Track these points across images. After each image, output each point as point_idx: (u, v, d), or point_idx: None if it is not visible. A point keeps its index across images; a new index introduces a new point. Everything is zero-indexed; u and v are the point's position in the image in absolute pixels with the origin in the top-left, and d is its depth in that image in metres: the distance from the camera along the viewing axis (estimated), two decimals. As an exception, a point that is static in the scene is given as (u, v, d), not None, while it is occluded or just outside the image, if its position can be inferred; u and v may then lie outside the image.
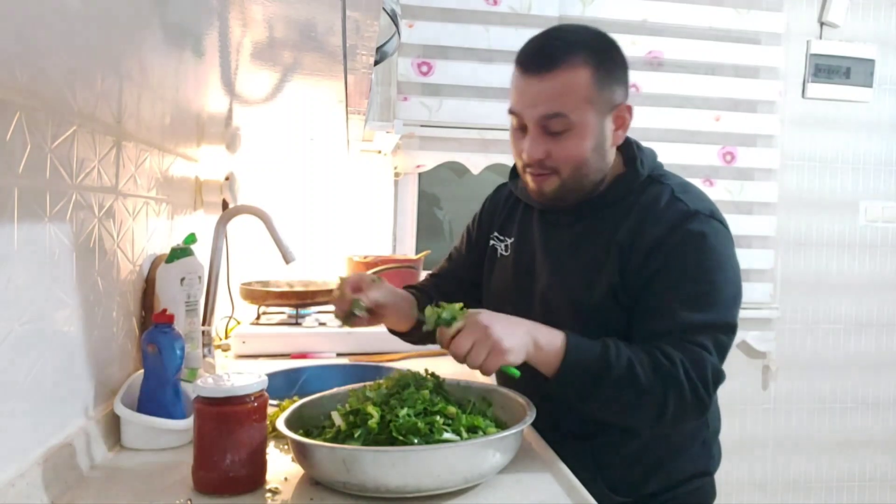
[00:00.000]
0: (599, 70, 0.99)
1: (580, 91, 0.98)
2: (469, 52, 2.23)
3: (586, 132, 1.00)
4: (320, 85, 1.06)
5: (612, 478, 1.06)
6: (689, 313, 0.95)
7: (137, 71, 1.01)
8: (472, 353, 0.86)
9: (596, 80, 0.98)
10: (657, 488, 1.09)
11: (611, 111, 1.02)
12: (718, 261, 0.99)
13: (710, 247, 0.99)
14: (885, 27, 2.53)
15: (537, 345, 0.90)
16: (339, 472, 0.77)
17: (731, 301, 0.99)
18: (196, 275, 1.15)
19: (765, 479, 2.54)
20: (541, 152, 1.01)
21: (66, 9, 0.66)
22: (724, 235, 1.03)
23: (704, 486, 1.14)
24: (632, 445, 1.06)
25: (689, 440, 1.11)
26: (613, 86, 1.01)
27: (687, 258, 0.98)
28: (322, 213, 2.22)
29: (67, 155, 0.82)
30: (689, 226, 0.99)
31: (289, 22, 0.64)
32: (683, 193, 1.05)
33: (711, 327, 0.95)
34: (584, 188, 1.05)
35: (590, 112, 0.99)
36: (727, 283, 0.99)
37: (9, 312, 0.69)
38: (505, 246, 1.19)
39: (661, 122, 2.35)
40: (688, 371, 0.91)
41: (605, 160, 1.05)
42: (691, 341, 0.94)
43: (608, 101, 1.01)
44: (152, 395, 0.95)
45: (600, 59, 1.00)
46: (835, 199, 2.55)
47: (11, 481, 0.68)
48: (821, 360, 2.56)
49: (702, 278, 0.97)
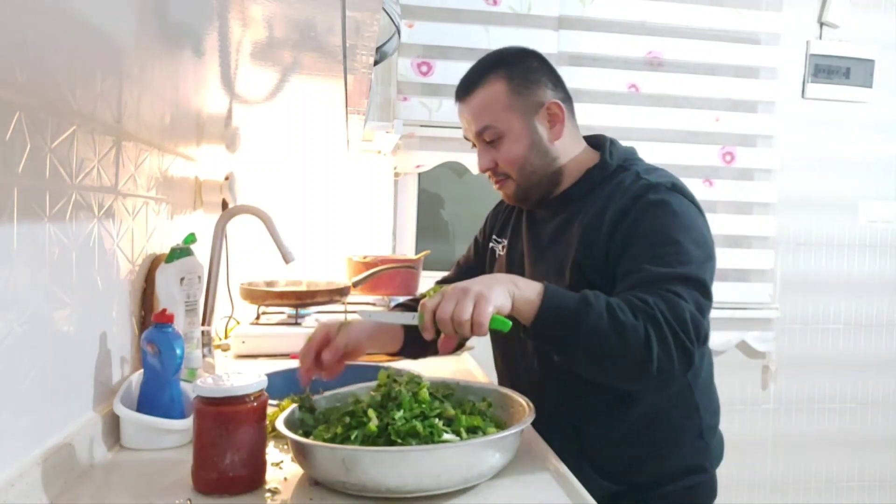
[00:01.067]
0: (513, 80, 1.09)
1: (498, 102, 1.09)
2: (469, 52, 2.23)
3: (517, 136, 1.10)
4: (320, 85, 1.06)
5: (598, 464, 1.07)
6: (660, 268, 0.95)
7: (137, 71, 1.01)
8: (457, 309, 0.83)
9: (511, 88, 1.09)
10: (648, 480, 1.09)
11: (537, 111, 1.10)
12: (683, 224, 1.00)
13: (673, 212, 1.01)
14: (885, 27, 2.53)
15: (518, 288, 0.89)
16: (338, 472, 0.76)
17: (703, 261, 0.99)
18: (196, 275, 1.15)
19: (765, 479, 2.54)
20: (487, 162, 1.13)
21: (67, 9, 0.66)
22: (688, 206, 1.04)
23: (702, 485, 1.14)
24: (618, 429, 1.07)
25: (681, 431, 1.11)
26: (532, 88, 1.10)
27: (651, 224, 1.00)
28: (322, 213, 2.22)
29: (67, 155, 0.82)
30: (651, 196, 1.02)
31: (289, 22, 0.64)
32: (647, 173, 1.08)
33: (682, 280, 0.94)
34: (541, 185, 1.13)
35: (514, 117, 1.09)
36: (694, 245, 0.99)
37: (9, 312, 0.69)
38: (501, 247, 1.26)
39: (661, 122, 2.35)
40: (664, 312, 0.89)
41: (548, 156, 1.12)
42: (663, 289, 0.92)
43: (531, 103, 1.10)
44: (152, 395, 0.95)
45: (512, 70, 1.10)
46: (834, 199, 2.55)
47: (11, 481, 0.68)
48: (821, 360, 2.57)
49: (668, 240, 0.98)
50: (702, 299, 0.95)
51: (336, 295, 1.70)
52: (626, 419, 1.07)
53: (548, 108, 1.10)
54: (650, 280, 0.94)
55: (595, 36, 2.33)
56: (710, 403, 1.16)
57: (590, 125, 2.33)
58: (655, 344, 0.87)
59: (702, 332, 0.93)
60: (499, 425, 0.89)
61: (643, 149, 2.50)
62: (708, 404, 1.15)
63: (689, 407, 1.12)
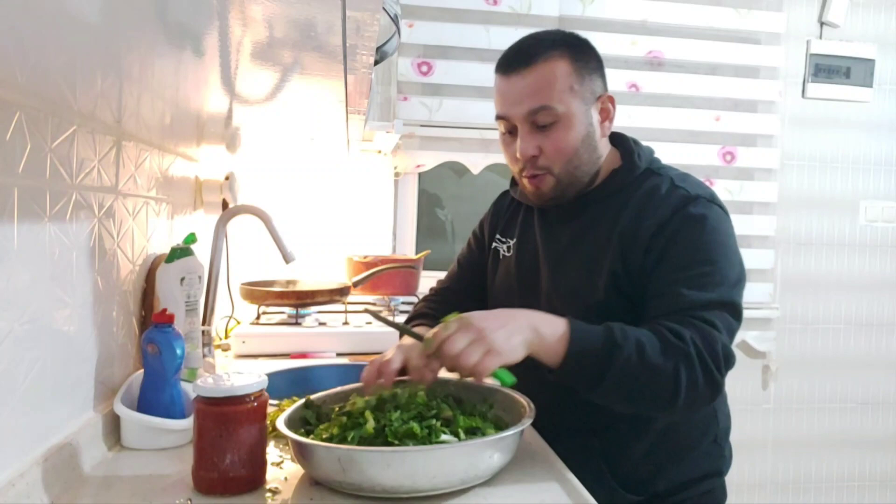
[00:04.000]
0: (578, 61, 1.02)
1: (562, 81, 1.00)
2: (469, 52, 2.24)
3: (574, 122, 1.01)
4: (320, 85, 1.05)
5: (621, 475, 1.04)
6: (695, 292, 0.93)
7: (137, 71, 1.01)
8: (464, 352, 0.81)
9: (575, 69, 1.01)
10: (668, 487, 1.07)
11: (594, 101, 1.05)
12: (721, 241, 0.99)
13: (712, 228, 0.99)
14: (885, 27, 2.53)
15: (540, 335, 0.86)
16: (335, 472, 0.76)
17: (735, 282, 0.98)
18: (196, 275, 1.15)
19: (765, 479, 2.54)
20: (533, 148, 1.02)
21: (67, 9, 0.66)
22: (725, 220, 1.03)
23: (716, 489, 1.13)
24: (642, 441, 1.05)
25: (699, 437, 1.10)
26: (593, 75, 1.04)
27: (689, 240, 0.98)
28: (322, 212, 2.22)
29: (67, 155, 0.82)
30: (691, 209, 1.00)
31: (289, 21, 0.64)
32: (682, 182, 1.05)
33: (718, 305, 0.93)
34: (579, 182, 1.06)
35: (574, 101, 1.01)
36: (730, 265, 0.98)
37: (9, 312, 0.69)
38: (507, 247, 1.20)
39: (661, 122, 2.35)
40: (698, 346, 0.88)
41: (595, 152, 1.06)
42: (699, 318, 0.91)
43: (591, 90, 1.03)
44: (152, 395, 0.95)
45: (576, 52, 1.02)
46: (835, 199, 2.55)
47: (11, 481, 0.68)
48: (821, 360, 2.57)
49: (705, 259, 0.97)
50: (734, 323, 0.95)
51: (336, 295, 1.70)
52: (649, 429, 1.05)
53: (603, 100, 1.05)
54: (685, 307, 0.92)
55: (595, 36, 2.31)
56: (725, 407, 1.16)
57: (590, 125, 2.34)
58: (685, 383, 0.87)
59: (731, 360, 0.92)
60: (500, 426, 0.88)
61: (643, 149, 2.49)
62: (723, 408, 1.15)
63: (707, 413, 1.11)
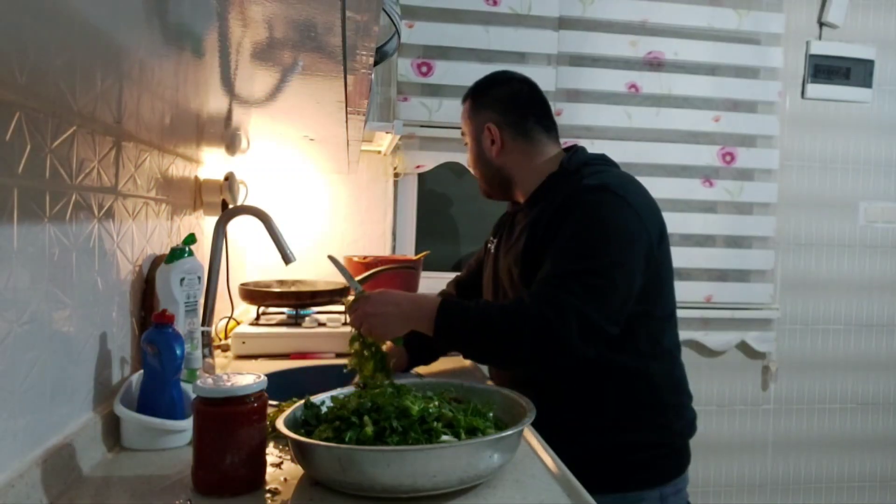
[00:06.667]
0: (474, 103, 1.37)
1: (464, 117, 1.39)
2: (469, 52, 2.24)
3: (472, 146, 1.38)
4: (320, 85, 1.05)
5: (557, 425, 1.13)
6: (559, 263, 1.11)
7: (137, 72, 1.01)
8: (362, 329, 1.13)
9: (470, 109, 1.38)
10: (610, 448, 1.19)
11: (482, 131, 1.35)
12: (600, 220, 1.14)
13: (595, 210, 1.15)
14: (885, 27, 2.53)
15: (409, 320, 1.13)
16: (335, 471, 0.77)
17: (611, 259, 1.11)
18: (196, 275, 1.15)
19: (764, 479, 2.55)
20: (467, 161, 1.43)
21: (67, 9, 0.66)
22: (616, 206, 1.16)
23: (668, 456, 1.22)
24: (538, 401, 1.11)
25: (640, 406, 1.20)
26: (481, 111, 1.36)
27: (572, 221, 1.15)
28: (322, 213, 2.21)
29: (67, 155, 0.82)
30: (583, 196, 1.18)
31: (289, 22, 0.64)
32: (590, 176, 1.21)
33: (579, 273, 1.09)
34: (493, 186, 1.38)
35: (469, 132, 1.38)
36: (606, 241, 1.12)
37: (8, 312, 0.69)
38: (492, 246, 1.43)
39: (660, 122, 2.35)
40: (534, 304, 1.07)
41: (493, 166, 1.35)
42: (550, 284, 1.09)
43: (479, 123, 1.36)
44: (152, 396, 0.95)
45: (474, 96, 1.38)
46: (834, 199, 2.55)
47: (11, 482, 0.68)
48: (821, 360, 2.57)
49: (579, 237, 1.13)
50: (601, 283, 1.08)
51: (336, 295, 1.70)
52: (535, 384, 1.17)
53: (487, 129, 1.34)
54: (543, 277, 1.11)
55: (595, 36, 2.33)
56: (666, 378, 1.23)
57: (590, 125, 2.33)
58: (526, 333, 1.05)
59: (585, 318, 1.05)
60: (500, 427, 0.88)
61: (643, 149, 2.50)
62: (664, 378, 1.23)
63: (648, 386, 1.21)
